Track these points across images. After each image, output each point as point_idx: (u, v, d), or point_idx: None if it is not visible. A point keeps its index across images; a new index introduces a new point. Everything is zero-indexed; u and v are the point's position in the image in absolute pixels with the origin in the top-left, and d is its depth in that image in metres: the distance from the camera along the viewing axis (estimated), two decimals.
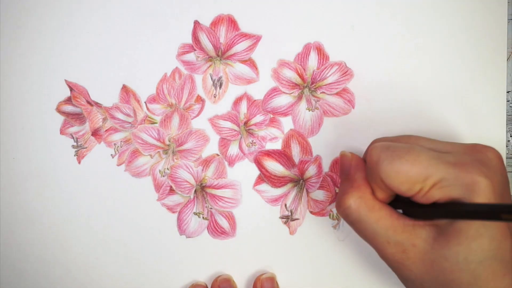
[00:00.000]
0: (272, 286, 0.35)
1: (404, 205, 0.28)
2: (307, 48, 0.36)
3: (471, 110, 0.35)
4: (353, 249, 0.36)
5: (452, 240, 0.25)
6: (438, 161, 0.25)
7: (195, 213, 0.37)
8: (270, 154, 0.36)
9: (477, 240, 0.24)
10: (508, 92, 0.35)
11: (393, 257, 0.27)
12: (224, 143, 0.37)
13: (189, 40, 0.37)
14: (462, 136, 0.35)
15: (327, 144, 0.36)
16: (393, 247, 0.27)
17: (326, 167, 0.36)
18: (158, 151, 0.37)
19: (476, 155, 0.26)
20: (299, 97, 0.36)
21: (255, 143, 0.36)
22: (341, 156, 0.31)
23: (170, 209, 0.37)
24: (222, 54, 0.37)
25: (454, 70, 0.35)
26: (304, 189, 0.36)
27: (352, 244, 0.36)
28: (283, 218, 0.36)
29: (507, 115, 0.35)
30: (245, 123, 0.36)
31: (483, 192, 0.24)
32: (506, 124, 0.35)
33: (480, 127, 0.35)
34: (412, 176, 0.25)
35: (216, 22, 0.36)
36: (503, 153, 0.35)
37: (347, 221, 0.28)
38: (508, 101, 0.35)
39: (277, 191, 0.36)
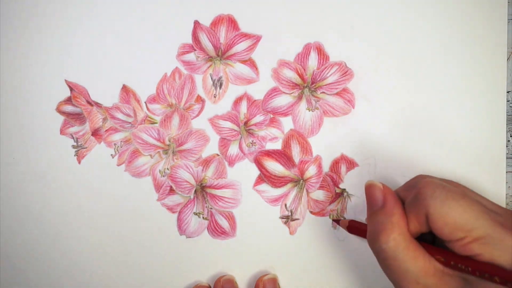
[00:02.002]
0: (274, 287, 0.35)
1: (435, 249, 0.28)
2: (307, 48, 0.36)
3: (471, 110, 0.35)
4: (353, 249, 0.36)
5: None
6: (487, 217, 0.25)
7: (195, 213, 0.37)
8: (270, 154, 0.36)
9: None
10: (508, 92, 0.35)
11: None
12: (224, 143, 0.37)
13: (189, 40, 0.37)
14: (463, 136, 0.35)
15: (327, 144, 0.36)
16: None
17: (326, 167, 0.36)
18: (158, 151, 0.37)
19: None
20: (299, 97, 0.36)
21: (255, 143, 0.36)
22: (369, 186, 0.30)
23: (170, 209, 0.37)
24: (222, 54, 0.37)
25: (454, 70, 0.35)
26: (304, 189, 0.36)
27: (352, 244, 0.36)
28: (283, 218, 0.36)
29: (507, 115, 0.35)
30: (245, 123, 0.36)
31: None
32: (506, 124, 0.35)
33: (480, 127, 0.35)
34: (460, 222, 0.25)
35: (216, 22, 0.36)
36: (503, 153, 0.35)
37: (380, 257, 0.28)
38: (508, 101, 0.35)
39: (277, 191, 0.36)
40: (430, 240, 0.29)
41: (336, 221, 0.35)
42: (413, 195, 0.28)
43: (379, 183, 0.30)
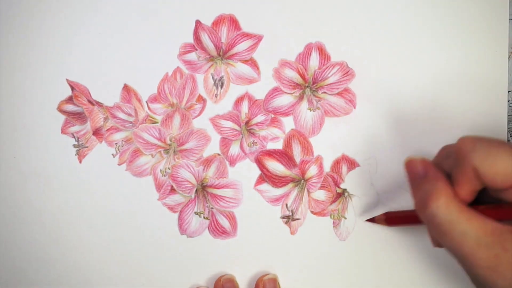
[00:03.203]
0: (275, 287, 0.35)
1: (488, 208, 0.27)
2: (308, 48, 0.36)
3: (472, 110, 0.35)
4: (354, 250, 0.36)
5: None
6: None
7: (196, 213, 0.37)
8: (271, 154, 0.36)
9: None
10: (509, 91, 0.35)
11: (484, 262, 0.25)
12: (225, 142, 0.37)
13: (190, 39, 0.37)
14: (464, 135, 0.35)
15: (328, 144, 0.36)
16: (484, 251, 0.25)
17: (327, 167, 0.36)
18: (159, 151, 0.37)
19: None
20: (301, 97, 0.36)
21: (256, 143, 0.36)
22: (409, 162, 0.30)
23: (171, 208, 0.37)
24: (223, 53, 0.37)
25: (455, 70, 0.35)
26: (305, 189, 0.36)
27: (353, 245, 0.36)
28: (284, 218, 0.36)
29: (508, 115, 0.35)
30: (246, 123, 0.36)
31: None
32: (507, 124, 0.35)
33: (482, 127, 0.35)
34: (509, 166, 0.25)
35: (218, 22, 0.37)
36: None
37: (433, 224, 0.27)
38: (509, 100, 0.35)
39: (278, 191, 0.36)
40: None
41: (371, 220, 0.35)
42: (454, 157, 0.27)
43: (418, 157, 0.30)
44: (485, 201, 0.28)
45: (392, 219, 0.33)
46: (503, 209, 0.26)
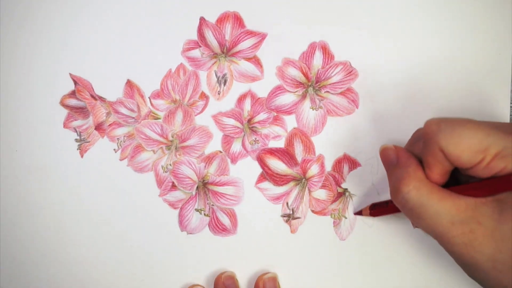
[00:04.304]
0: (274, 286, 0.35)
1: (460, 188, 0.27)
2: (312, 47, 0.36)
3: (475, 110, 0.35)
4: (354, 249, 0.36)
5: None
6: (498, 130, 0.25)
7: (196, 210, 0.37)
8: (273, 152, 0.36)
9: None
10: None
11: (460, 239, 0.26)
12: (227, 140, 0.37)
13: (194, 36, 0.37)
14: None
15: (330, 144, 0.36)
16: (458, 227, 0.25)
17: (328, 166, 0.36)
18: (161, 147, 0.37)
19: None
20: (303, 96, 0.36)
21: (258, 141, 0.36)
22: (383, 150, 0.30)
23: (172, 205, 0.37)
24: (227, 51, 0.37)
25: (458, 70, 0.35)
26: (306, 188, 0.36)
27: (353, 244, 0.36)
28: (284, 216, 0.36)
29: (510, 115, 0.35)
30: (249, 120, 0.36)
31: None
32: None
33: None
34: (474, 143, 0.25)
35: (222, 19, 0.37)
36: None
37: (406, 208, 0.27)
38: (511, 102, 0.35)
39: (279, 189, 0.36)
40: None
41: (358, 213, 0.35)
42: (422, 141, 0.27)
43: (391, 145, 0.30)
44: (463, 181, 0.28)
45: (376, 209, 0.33)
46: (476, 186, 0.26)
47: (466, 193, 0.26)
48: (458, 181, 0.28)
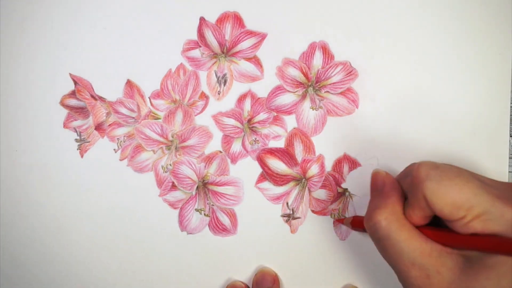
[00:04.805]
0: (272, 280, 0.35)
1: (435, 231, 0.27)
2: (312, 47, 0.36)
3: (475, 111, 0.35)
4: (354, 249, 0.36)
5: (482, 273, 0.24)
6: (485, 192, 0.25)
7: (196, 210, 0.37)
8: (273, 152, 0.36)
9: (508, 277, 0.24)
10: None
11: (415, 281, 0.26)
12: (227, 140, 0.37)
13: (194, 36, 0.37)
14: (466, 137, 0.35)
15: (330, 144, 0.36)
16: (417, 270, 0.26)
17: (328, 167, 0.36)
18: (161, 147, 0.37)
19: None
20: (303, 96, 0.36)
21: (258, 141, 0.36)
22: (374, 174, 0.31)
23: (172, 205, 0.37)
24: (227, 51, 0.37)
25: (458, 71, 0.35)
26: (306, 188, 0.36)
27: (353, 244, 0.36)
28: (284, 216, 0.36)
29: (510, 115, 0.35)
30: (249, 120, 0.36)
31: None
32: (510, 124, 0.35)
33: (484, 127, 0.35)
34: (458, 201, 0.25)
35: (222, 19, 0.37)
36: (506, 153, 0.35)
37: (374, 237, 0.28)
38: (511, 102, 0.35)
39: (279, 189, 0.36)
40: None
41: (339, 220, 0.35)
42: (409, 180, 0.27)
43: (383, 171, 0.30)
44: (442, 224, 0.28)
45: (356, 222, 0.33)
46: (449, 235, 0.26)
47: (437, 239, 0.27)
48: (438, 223, 0.28)
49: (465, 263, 0.25)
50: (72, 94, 0.38)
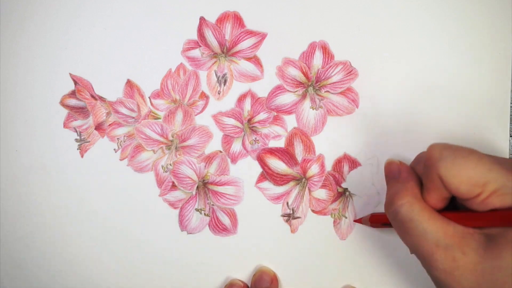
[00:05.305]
0: (270, 280, 0.35)
1: (455, 213, 0.27)
2: (312, 47, 0.36)
3: (474, 110, 0.35)
4: (354, 249, 0.36)
5: (506, 249, 0.24)
6: (500, 167, 0.25)
7: (196, 210, 0.37)
8: (273, 152, 0.36)
9: None
10: None
11: (442, 264, 0.25)
12: (227, 140, 0.37)
13: (194, 36, 0.37)
14: (466, 137, 0.35)
15: (330, 143, 0.36)
16: (442, 252, 0.25)
17: (328, 166, 0.36)
18: (161, 147, 0.37)
19: None
20: (303, 96, 0.36)
21: (258, 140, 0.36)
22: (388, 163, 0.31)
23: (172, 204, 0.37)
24: (227, 51, 0.37)
25: (458, 70, 0.35)
26: (306, 188, 0.36)
27: (353, 244, 0.36)
28: (284, 216, 0.36)
29: (510, 115, 0.35)
30: (249, 120, 0.36)
31: None
32: (510, 124, 0.35)
33: (484, 127, 0.35)
34: (473, 177, 0.25)
35: (222, 19, 0.37)
36: (506, 153, 0.35)
37: (396, 221, 0.28)
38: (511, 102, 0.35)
39: (279, 189, 0.36)
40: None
41: (357, 220, 0.35)
42: (424, 163, 0.27)
43: (397, 160, 0.31)
44: (460, 208, 0.28)
45: (375, 219, 0.33)
46: (468, 216, 0.26)
47: (458, 221, 0.26)
48: (456, 207, 0.28)
49: (488, 242, 0.25)
50: (72, 94, 0.38)
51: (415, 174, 0.29)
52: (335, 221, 0.36)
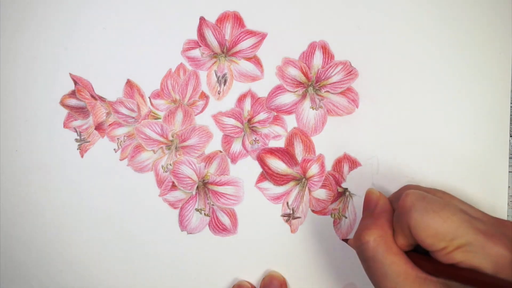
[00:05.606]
0: (279, 285, 0.35)
1: (420, 258, 0.27)
2: (312, 47, 0.36)
3: (475, 111, 0.35)
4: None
5: None
6: (469, 225, 0.25)
7: (196, 210, 0.37)
8: (273, 152, 0.36)
9: None
10: None
11: None
12: (227, 140, 0.37)
13: (194, 36, 0.37)
14: (466, 137, 0.35)
15: (330, 143, 0.36)
16: None
17: (328, 166, 0.36)
18: (161, 147, 0.37)
19: (504, 230, 0.26)
20: (303, 96, 0.36)
21: (258, 140, 0.36)
22: (368, 193, 0.31)
23: (172, 205, 0.37)
24: (227, 51, 0.37)
25: (458, 71, 0.35)
26: (306, 188, 0.36)
27: None
28: (284, 216, 0.36)
29: (510, 115, 0.35)
30: (249, 120, 0.36)
31: (507, 267, 0.24)
32: (510, 124, 0.35)
33: (484, 127, 0.35)
34: (441, 232, 0.25)
35: (222, 19, 0.37)
36: (506, 153, 0.35)
37: (361, 257, 0.28)
38: None
39: (279, 189, 0.36)
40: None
41: (345, 240, 0.35)
42: (397, 208, 0.28)
43: (377, 191, 0.31)
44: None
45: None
46: (433, 264, 0.27)
47: (421, 265, 0.27)
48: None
49: None
50: (72, 94, 0.38)
51: (391, 211, 0.29)
52: (335, 221, 0.36)
